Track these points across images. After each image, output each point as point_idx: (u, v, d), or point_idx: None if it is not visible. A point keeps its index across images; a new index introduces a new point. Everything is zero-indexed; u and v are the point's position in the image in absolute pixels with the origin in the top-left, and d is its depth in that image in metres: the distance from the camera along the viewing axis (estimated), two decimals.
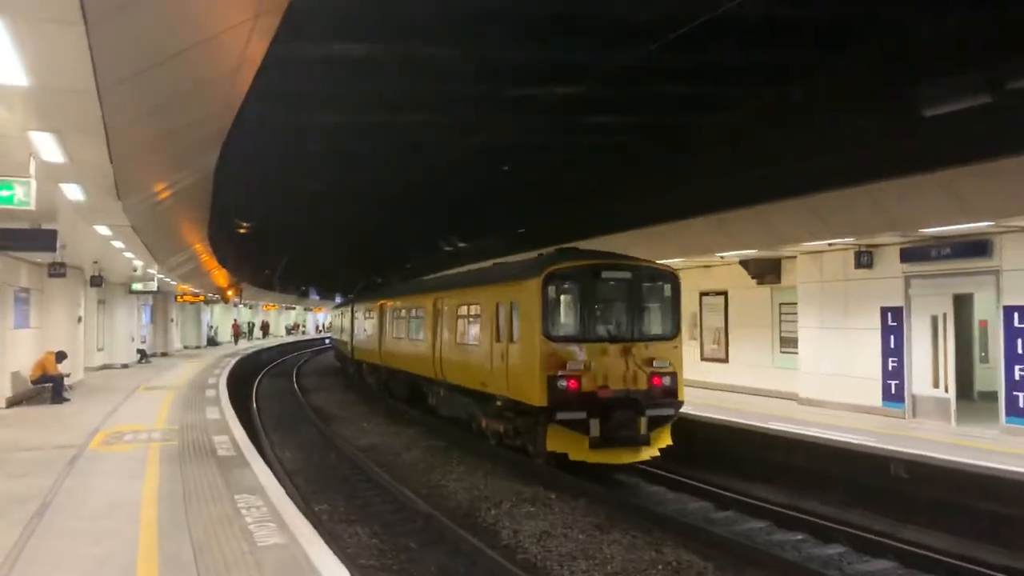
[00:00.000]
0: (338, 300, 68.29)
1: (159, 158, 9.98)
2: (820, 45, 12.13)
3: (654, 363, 14.09)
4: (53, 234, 12.18)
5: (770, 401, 19.11)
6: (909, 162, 12.75)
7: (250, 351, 46.38)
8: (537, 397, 13.80)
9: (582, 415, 13.56)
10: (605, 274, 14.61)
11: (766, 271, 19.56)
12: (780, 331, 19.69)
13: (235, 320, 64.76)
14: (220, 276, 40.67)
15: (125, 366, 31.20)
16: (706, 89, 13.99)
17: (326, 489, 14.54)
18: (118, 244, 15.48)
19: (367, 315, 29.41)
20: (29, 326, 19.72)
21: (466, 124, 16.10)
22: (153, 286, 25.71)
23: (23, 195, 7.03)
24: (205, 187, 15.23)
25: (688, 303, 22.67)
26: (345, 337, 36.25)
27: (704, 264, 21.75)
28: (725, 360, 21.49)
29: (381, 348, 26.57)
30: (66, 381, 19.60)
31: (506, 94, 14.28)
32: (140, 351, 34.25)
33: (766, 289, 19.95)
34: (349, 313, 34.29)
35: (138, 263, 20.48)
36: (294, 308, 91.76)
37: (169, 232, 17.06)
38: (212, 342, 55.25)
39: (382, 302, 26.55)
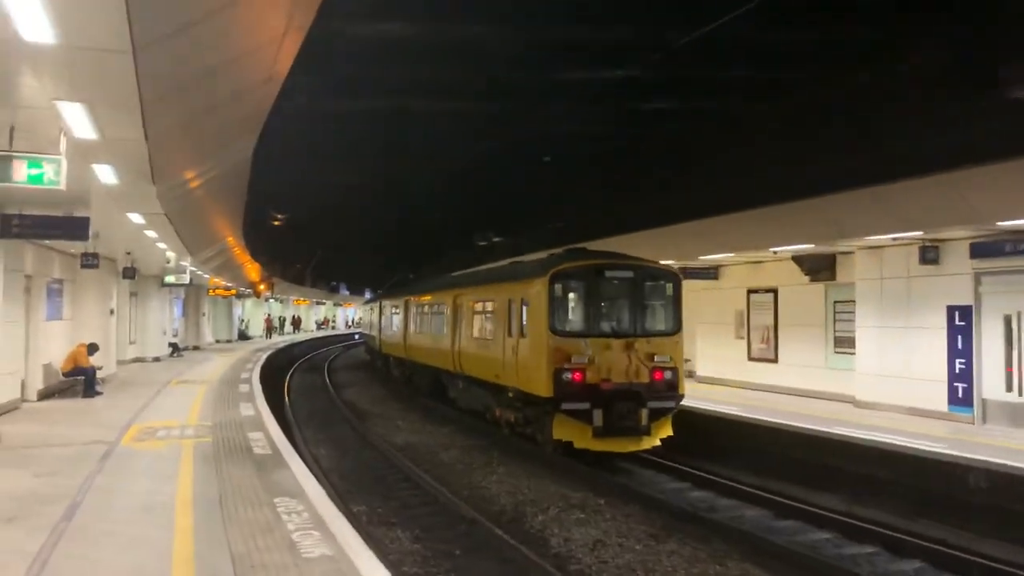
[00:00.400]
0: (367, 296, 69.68)
1: (196, 138, 9.43)
2: (889, 24, 11.29)
3: (655, 358, 14.59)
4: (85, 222, 11.70)
5: (824, 404, 18.24)
6: (987, 150, 11.87)
7: (281, 345, 46.15)
8: (544, 388, 14.51)
9: (586, 406, 14.17)
10: (608, 273, 15.22)
11: (821, 267, 18.68)
12: (834, 330, 18.80)
13: (268, 314, 65.15)
14: (252, 270, 40.43)
15: (157, 359, 30.97)
16: (767, 72, 13.17)
17: (363, 489, 13.98)
18: (151, 234, 15.03)
19: (393, 311, 30.36)
20: (61, 318, 19.38)
21: (509, 111, 15.44)
22: (186, 279, 25.37)
23: (53, 174, 6.48)
24: (241, 175, 14.74)
25: (735, 301, 21.88)
26: (374, 332, 37.58)
27: (753, 260, 20.92)
28: (774, 360, 20.65)
29: (406, 342, 27.39)
30: (98, 374, 19.24)
31: (555, 77, 13.60)
32: (172, 344, 34.04)
33: (819, 286, 19.08)
34: (377, 309, 35.34)
35: (171, 255, 20.07)
36: (324, 303, 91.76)
37: (203, 222, 16.59)
38: (243, 336, 55.16)
39: (406, 298, 27.45)
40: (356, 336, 78.39)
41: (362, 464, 16.39)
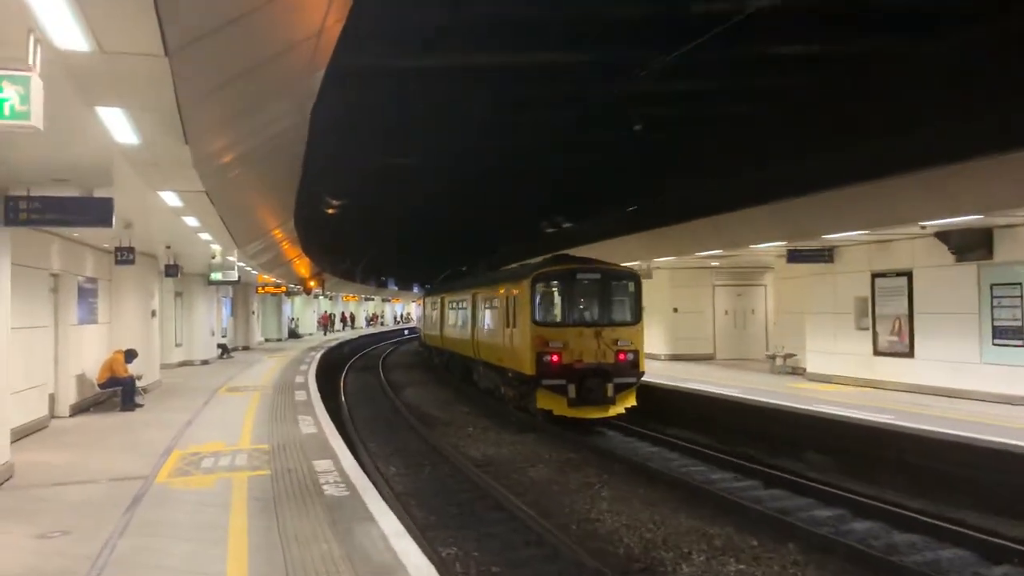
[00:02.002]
0: (415, 291, 70.38)
1: (234, 95, 7.05)
2: None
3: (619, 343, 17.82)
4: (108, 204, 9.40)
5: (985, 407, 15.27)
6: None
7: (332, 343, 44.17)
8: (529, 368, 17.93)
9: (562, 382, 17.48)
10: (580, 275, 18.42)
11: (972, 244, 15.67)
12: (992, 318, 15.79)
13: (325, 311, 65.13)
14: (302, 265, 38.42)
15: (205, 362, 29.02)
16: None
17: (447, 521, 11.53)
18: (191, 222, 12.71)
19: (433, 306, 34.32)
20: (97, 321, 17.29)
21: (602, 62, 12.83)
22: (234, 275, 23.20)
23: (19, 101, 4.03)
24: (294, 149, 12.37)
25: (855, 286, 18.97)
26: (421, 325, 44.24)
27: (878, 239, 17.97)
28: (908, 354, 17.68)
29: (442, 334, 31.21)
30: (139, 383, 17.13)
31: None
32: (221, 346, 32.12)
33: (970, 267, 16.06)
34: (423, 306, 40.59)
35: (216, 247, 17.86)
36: (373, 299, 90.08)
37: (250, 206, 14.23)
38: (293, 334, 53.40)
39: (443, 296, 31.35)
40: (405, 332, 76.70)
41: (440, 485, 13.96)
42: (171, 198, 10.14)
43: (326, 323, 62.49)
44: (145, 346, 19.15)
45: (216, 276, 23.14)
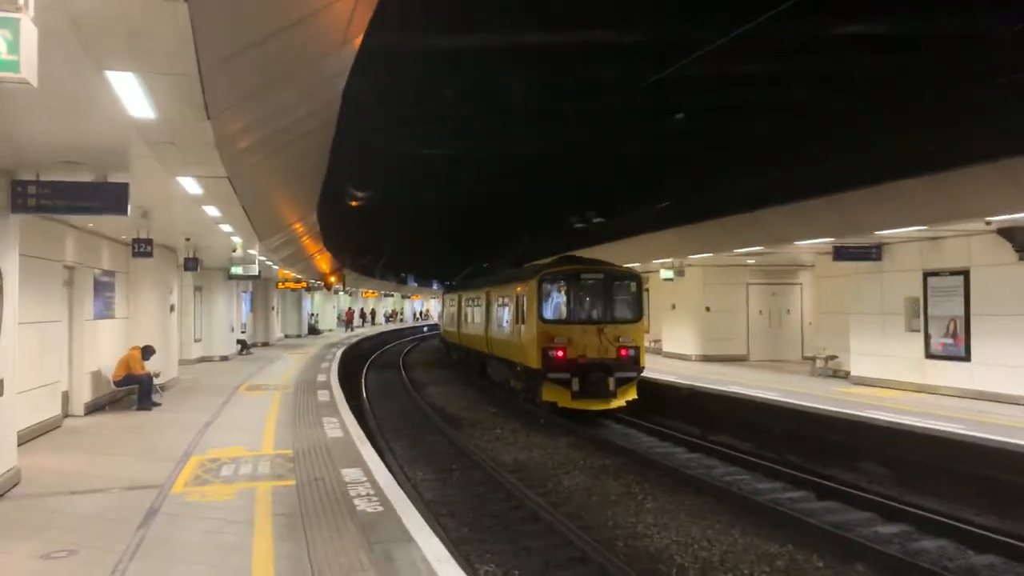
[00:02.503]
0: (434, 287, 70.73)
1: (269, 53, 6.25)
2: None
3: (620, 339, 18.75)
4: (123, 189, 8.67)
5: None
6: None
7: (353, 340, 43.52)
8: (536, 362, 18.93)
9: (566, 375, 18.46)
10: (584, 276, 19.43)
11: None
12: None
13: (350, 308, 65.36)
14: (322, 260, 37.77)
15: (225, 358, 28.41)
16: None
17: (483, 534, 10.76)
18: (212, 212, 11.96)
19: (451, 304, 35.45)
20: (114, 316, 16.63)
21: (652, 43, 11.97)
22: (254, 270, 22.51)
23: (5, 48, 3.31)
24: (322, 137, 11.61)
25: (905, 286, 18.02)
26: (440, 321, 46.58)
27: (932, 236, 16.98)
28: (964, 358, 16.68)
29: (459, 330, 32.20)
30: (156, 380, 16.46)
31: None
32: (240, 342, 31.52)
33: None
34: (443, 302, 41.85)
35: (237, 240, 17.15)
36: (392, 295, 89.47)
37: (274, 196, 13.47)
38: (313, 330, 52.83)
39: (460, 294, 32.60)
40: (424, 329, 76.00)
41: (472, 493, 13.19)
42: (191, 184, 9.38)
43: (350, 319, 62.59)
44: (163, 342, 18.51)
45: (236, 270, 22.48)
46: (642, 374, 19.41)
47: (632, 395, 19.31)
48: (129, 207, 8.76)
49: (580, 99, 15.45)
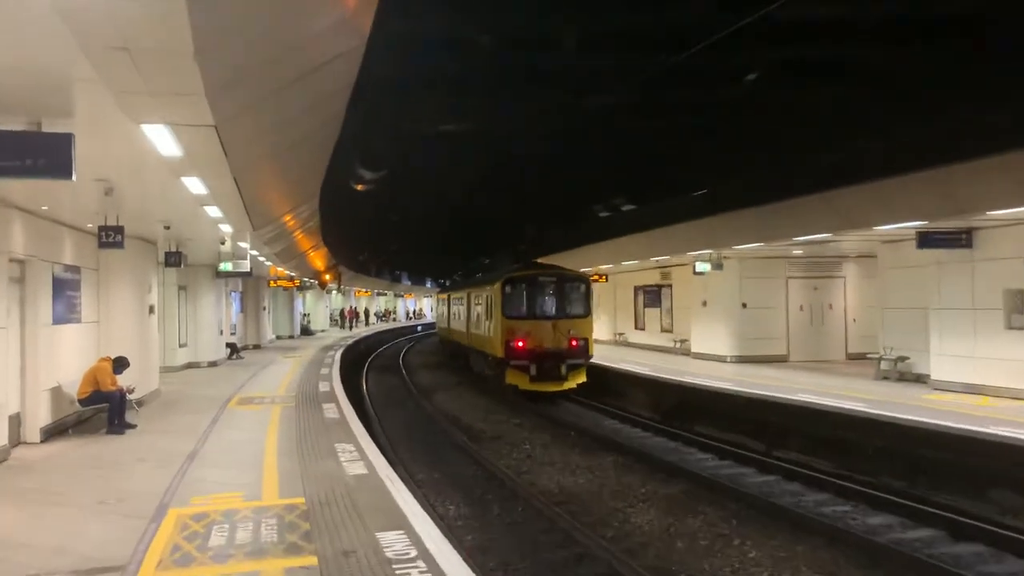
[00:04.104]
0: (428, 285, 70.41)
1: None
2: None
3: (571, 332, 22.02)
4: (65, 141, 6.09)
5: None
6: None
7: (349, 341, 40.82)
8: (500, 352, 22.26)
9: (525, 362, 21.77)
10: (540, 278, 22.96)
11: None
12: None
13: (351, 307, 64.92)
14: (317, 257, 35.12)
15: (213, 364, 25.73)
16: None
17: None
18: (195, 185, 9.29)
19: (442, 303, 39.75)
20: (80, 320, 13.96)
21: None
22: (246, 266, 19.80)
23: None
24: (336, 99, 9.05)
25: (1005, 276, 15.56)
26: (435, 319, 50.65)
27: None
28: None
29: (449, 327, 35.60)
30: (132, 396, 13.82)
31: None
32: (230, 345, 28.82)
33: None
34: (437, 302, 46.56)
35: (226, 229, 14.50)
36: (385, 294, 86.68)
37: (275, 167, 10.74)
38: (305, 331, 50.07)
39: (450, 294, 36.31)
40: (419, 328, 73.24)
41: (521, 535, 10.69)
42: (163, 139, 6.74)
43: (351, 317, 62.33)
44: (141, 350, 15.87)
45: (226, 267, 19.74)
46: (591, 361, 22.92)
47: (582, 378, 22.57)
48: (75, 169, 6.15)
49: (627, 52, 12.97)
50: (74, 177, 6.16)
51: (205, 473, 9.45)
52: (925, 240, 16.06)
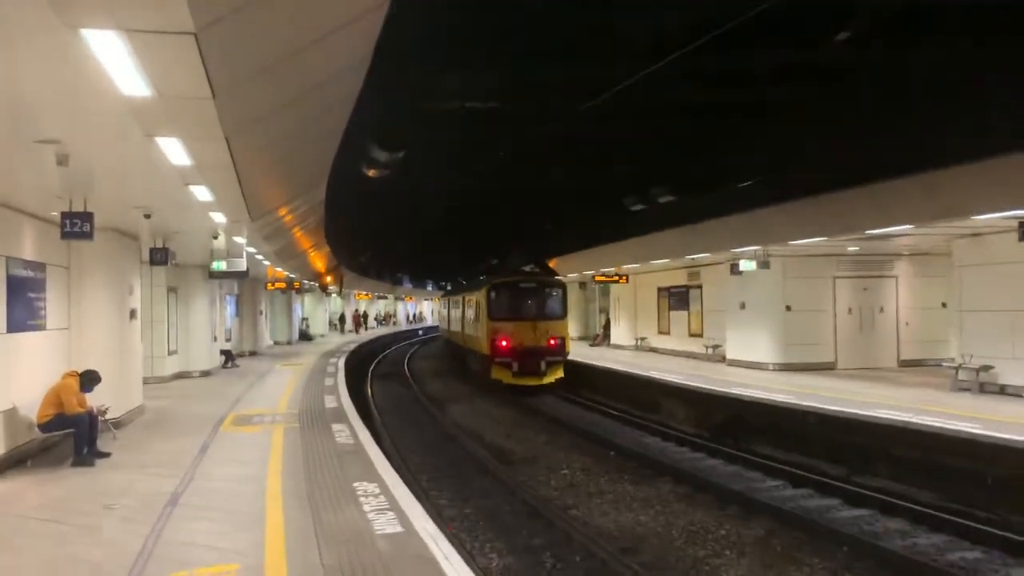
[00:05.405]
0: (428, 288, 70.11)
1: None
2: None
3: (549, 332, 25.02)
4: None
5: None
6: None
7: (351, 346, 38.56)
8: (487, 350, 25.34)
9: (509, 359, 24.74)
10: (522, 285, 26.55)
11: None
12: None
13: (356, 310, 64.13)
14: (318, 258, 32.86)
15: (206, 373, 23.49)
16: None
17: None
18: (176, 153, 7.05)
19: (443, 307, 44.03)
20: (44, 327, 11.71)
21: None
22: (241, 265, 17.52)
23: None
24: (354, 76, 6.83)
25: None
26: (439, 322, 54.02)
27: None
28: None
29: (449, 328, 38.87)
30: (106, 418, 11.59)
31: None
32: (225, 352, 26.57)
33: None
34: (440, 305, 51.84)
35: (219, 219, 12.25)
36: (386, 297, 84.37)
37: (277, 137, 8.45)
38: (304, 336, 47.82)
39: (449, 298, 40.20)
40: (420, 332, 71.00)
41: None
42: (120, 64, 4.52)
43: (358, 322, 61.95)
44: (120, 361, 13.66)
45: (219, 266, 17.42)
46: (568, 358, 25.74)
47: (559, 374, 25.26)
48: None
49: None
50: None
51: (190, 530, 7.20)
52: None
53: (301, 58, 5.51)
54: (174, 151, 6.94)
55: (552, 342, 24.79)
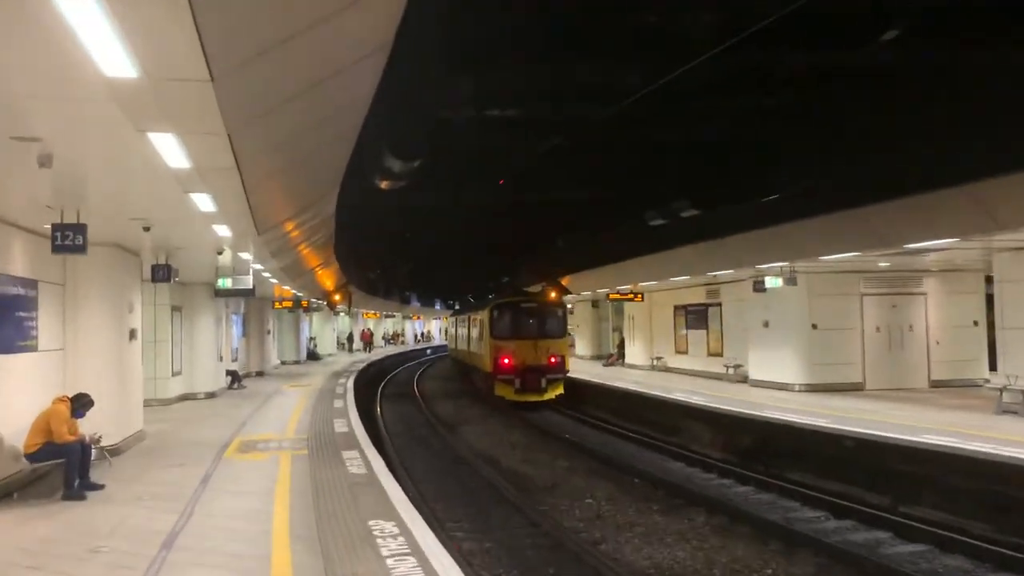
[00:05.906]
0: (436, 307, 70.90)
1: None
2: None
3: (550, 350, 26.20)
4: None
5: None
6: None
7: (359, 365, 37.71)
8: (490, 367, 26.51)
9: (511, 376, 25.90)
10: (523, 305, 27.76)
11: None
12: None
13: (365, 329, 64.17)
14: (326, 276, 32.13)
15: (211, 395, 22.68)
16: None
17: None
18: (173, 156, 6.32)
19: (451, 326, 45.26)
20: (35, 348, 10.94)
21: None
22: (248, 282, 16.78)
23: None
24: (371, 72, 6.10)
25: None
26: (447, 341, 57.04)
27: None
28: None
29: (456, 347, 40.21)
30: (100, 446, 10.80)
31: None
32: (231, 373, 25.79)
33: None
34: (448, 324, 52.77)
35: (223, 233, 11.50)
36: (393, 316, 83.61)
37: (288, 126, 7.64)
38: (312, 355, 46.99)
39: (456, 317, 41.71)
40: (428, 351, 70.14)
41: None
42: (99, 36, 3.78)
43: (367, 340, 62.50)
44: (119, 383, 12.90)
45: (224, 283, 16.68)
46: (568, 375, 27.02)
47: (560, 391, 26.52)
48: None
49: None
50: None
51: (191, 568, 6.37)
52: None
53: (313, 38, 4.74)
54: (170, 150, 6.18)
55: (553, 360, 26.13)
